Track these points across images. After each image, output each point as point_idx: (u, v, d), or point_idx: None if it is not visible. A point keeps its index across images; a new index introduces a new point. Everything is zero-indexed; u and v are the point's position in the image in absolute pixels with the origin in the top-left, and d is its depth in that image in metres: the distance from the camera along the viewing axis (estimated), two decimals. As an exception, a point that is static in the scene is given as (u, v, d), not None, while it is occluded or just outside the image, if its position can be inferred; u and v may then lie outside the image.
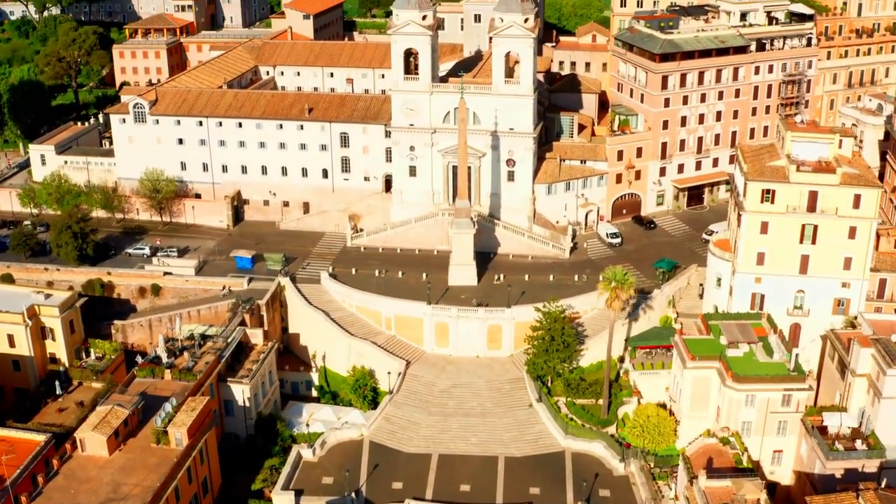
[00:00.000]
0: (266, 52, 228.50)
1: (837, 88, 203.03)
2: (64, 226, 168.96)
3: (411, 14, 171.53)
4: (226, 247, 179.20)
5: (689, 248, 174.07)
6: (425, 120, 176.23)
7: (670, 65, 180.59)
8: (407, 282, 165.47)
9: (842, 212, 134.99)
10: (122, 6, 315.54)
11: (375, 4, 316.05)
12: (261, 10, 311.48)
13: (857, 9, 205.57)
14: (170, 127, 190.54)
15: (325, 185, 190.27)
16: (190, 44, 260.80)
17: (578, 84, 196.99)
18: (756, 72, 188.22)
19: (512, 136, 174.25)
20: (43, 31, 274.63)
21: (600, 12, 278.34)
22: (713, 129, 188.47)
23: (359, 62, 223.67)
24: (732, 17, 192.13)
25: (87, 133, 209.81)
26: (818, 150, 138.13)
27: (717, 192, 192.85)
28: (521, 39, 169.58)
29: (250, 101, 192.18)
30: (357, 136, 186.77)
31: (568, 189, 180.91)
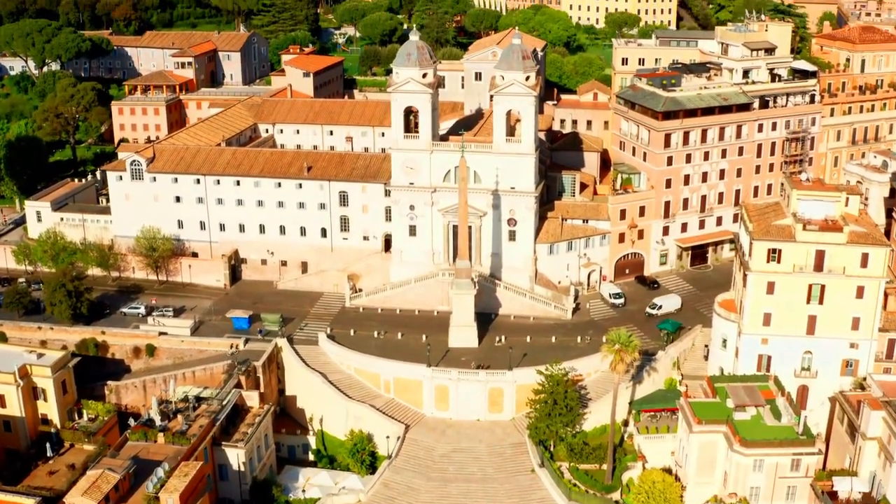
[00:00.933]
0: (265, 109, 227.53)
1: (841, 145, 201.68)
2: (58, 284, 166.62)
3: (411, 72, 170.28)
4: (222, 306, 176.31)
5: (693, 308, 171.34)
6: (425, 179, 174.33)
7: (673, 122, 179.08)
8: (406, 343, 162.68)
9: (849, 271, 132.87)
10: (122, 63, 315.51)
11: (376, 62, 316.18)
12: (261, 68, 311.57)
13: (860, 65, 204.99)
14: (167, 184, 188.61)
15: (323, 245, 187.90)
16: (189, 101, 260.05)
17: (580, 142, 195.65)
18: (759, 129, 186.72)
19: (513, 195, 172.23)
20: (42, 87, 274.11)
21: (601, 70, 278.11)
22: (716, 188, 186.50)
23: (359, 120, 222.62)
24: (735, 75, 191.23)
25: (84, 190, 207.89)
26: (824, 209, 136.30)
27: (720, 251, 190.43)
28: (522, 97, 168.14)
29: (249, 159, 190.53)
30: (356, 195, 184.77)
31: (570, 249, 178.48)
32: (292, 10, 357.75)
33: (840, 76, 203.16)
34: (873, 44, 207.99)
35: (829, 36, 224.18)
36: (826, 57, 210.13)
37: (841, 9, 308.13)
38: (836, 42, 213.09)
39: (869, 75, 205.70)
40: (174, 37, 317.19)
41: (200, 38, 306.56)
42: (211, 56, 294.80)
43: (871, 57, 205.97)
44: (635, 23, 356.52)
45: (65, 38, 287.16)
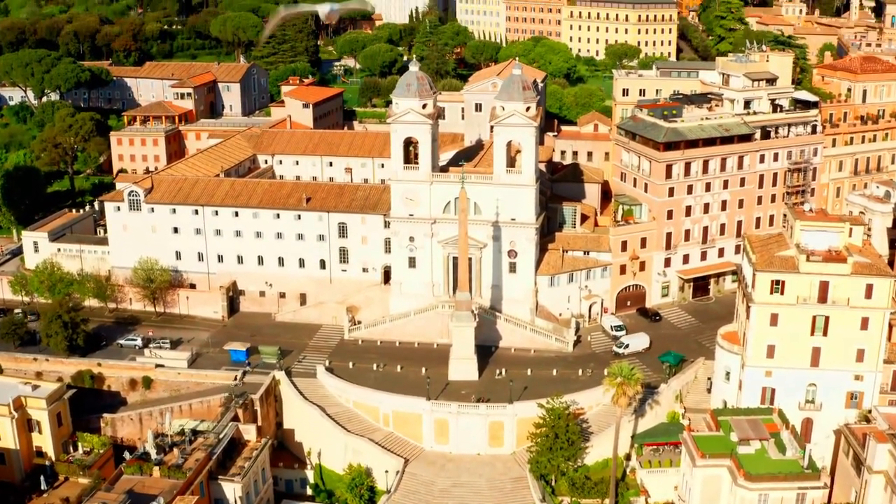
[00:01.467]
0: (265, 140, 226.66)
1: (843, 176, 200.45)
2: (54, 315, 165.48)
3: (411, 102, 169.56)
4: (220, 338, 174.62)
5: (695, 340, 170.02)
6: (425, 210, 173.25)
7: (674, 153, 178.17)
8: (406, 376, 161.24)
9: (854, 302, 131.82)
10: (121, 93, 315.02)
11: (376, 94, 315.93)
12: (260, 100, 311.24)
13: (861, 95, 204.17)
14: (165, 215, 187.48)
15: (322, 276, 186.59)
16: (188, 131, 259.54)
17: (580, 173, 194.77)
18: (761, 160, 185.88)
19: (514, 227, 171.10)
20: (41, 117, 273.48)
21: (602, 102, 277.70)
22: (718, 219, 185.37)
23: (358, 151, 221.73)
24: (736, 105, 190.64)
25: (82, 221, 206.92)
26: (828, 239, 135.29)
27: (723, 282, 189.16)
28: (522, 128, 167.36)
29: (247, 190, 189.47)
30: (356, 227, 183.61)
31: (571, 281, 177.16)
32: (292, 41, 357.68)
33: (841, 106, 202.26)
34: (874, 74, 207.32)
35: (830, 66, 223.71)
36: (827, 87, 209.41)
37: (841, 39, 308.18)
38: (837, 72, 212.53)
39: (870, 105, 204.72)
40: (174, 67, 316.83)
41: (200, 69, 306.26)
42: (210, 87, 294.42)
43: (873, 87, 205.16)
44: (635, 54, 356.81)
45: (64, 68, 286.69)
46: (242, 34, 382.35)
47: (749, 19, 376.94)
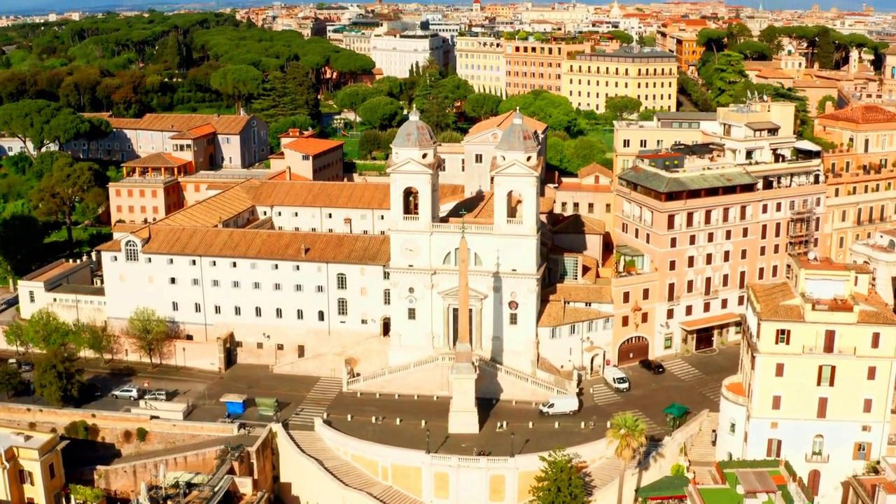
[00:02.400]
0: (264, 191, 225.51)
1: (847, 226, 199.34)
2: (48, 365, 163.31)
3: (411, 152, 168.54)
4: (217, 390, 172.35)
5: (699, 392, 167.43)
6: (425, 261, 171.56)
7: (676, 203, 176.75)
8: (405, 429, 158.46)
9: (860, 351, 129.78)
10: (121, 145, 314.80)
11: (376, 146, 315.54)
12: (260, 152, 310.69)
13: (863, 145, 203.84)
14: (162, 265, 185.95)
15: (321, 328, 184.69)
16: (187, 183, 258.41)
17: (582, 225, 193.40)
18: (764, 210, 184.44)
19: (514, 278, 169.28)
20: (39, 167, 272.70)
21: (602, 154, 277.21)
22: (721, 270, 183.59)
23: (358, 203, 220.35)
24: (738, 155, 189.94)
25: (79, 271, 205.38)
26: (833, 288, 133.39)
27: (726, 334, 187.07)
28: (523, 178, 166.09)
29: (245, 241, 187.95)
30: (355, 278, 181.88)
31: (573, 332, 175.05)
32: (292, 94, 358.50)
33: (844, 156, 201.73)
34: (876, 123, 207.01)
35: (831, 116, 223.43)
36: (829, 137, 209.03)
37: (841, 91, 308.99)
38: (838, 122, 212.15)
39: (873, 155, 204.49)
40: (173, 119, 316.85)
41: (200, 121, 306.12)
42: (210, 139, 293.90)
43: (875, 136, 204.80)
44: (636, 107, 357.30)
45: (64, 118, 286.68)
46: (243, 87, 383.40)
47: (749, 72, 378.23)
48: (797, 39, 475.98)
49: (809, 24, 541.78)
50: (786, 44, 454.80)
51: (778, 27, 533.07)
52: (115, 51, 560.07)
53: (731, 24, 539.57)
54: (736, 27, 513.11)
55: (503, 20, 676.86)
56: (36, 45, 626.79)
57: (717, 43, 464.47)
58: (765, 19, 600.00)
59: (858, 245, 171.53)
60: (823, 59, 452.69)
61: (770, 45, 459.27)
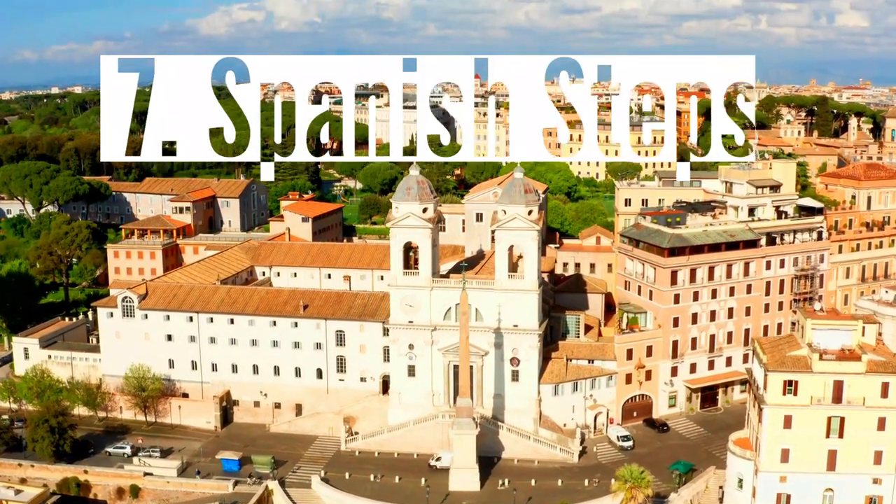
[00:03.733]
0: (263, 252, 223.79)
1: (851, 283, 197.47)
2: (41, 419, 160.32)
3: (411, 206, 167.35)
4: (212, 449, 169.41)
5: (705, 450, 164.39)
6: (425, 317, 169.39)
7: (679, 259, 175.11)
8: (404, 487, 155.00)
9: (869, 402, 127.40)
10: (120, 208, 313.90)
11: (376, 211, 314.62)
12: (260, 216, 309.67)
13: (865, 202, 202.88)
14: (159, 322, 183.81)
15: (319, 386, 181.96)
16: (186, 245, 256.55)
17: (584, 284, 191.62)
18: (767, 266, 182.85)
19: (516, 334, 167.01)
20: (37, 228, 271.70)
21: (603, 216, 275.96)
22: (725, 327, 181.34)
23: (357, 263, 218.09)
24: (740, 213, 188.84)
25: (75, 329, 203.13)
26: (840, 338, 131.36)
27: (731, 392, 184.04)
28: (524, 232, 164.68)
29: (243, 297, 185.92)
30: (354, 334, 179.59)
31: (575, 390, 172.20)
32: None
33: (846, 213, 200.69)
34: (878, 180, 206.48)
35: (833, 174, 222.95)
36: (831, 195, 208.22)
37: (841, 156, 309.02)
38: (840, 180, 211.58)
39: (875, 212, 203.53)
40: (173, 183, 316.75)
41: (200, 185, 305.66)
42: (210, 202, 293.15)
43: (877, 193, 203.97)
44: (637, 171, 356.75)
45: (63, 180, 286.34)
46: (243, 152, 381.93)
47: (748, 140, 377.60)
48: (796, 109, 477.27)
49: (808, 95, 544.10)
50: (784, 113, 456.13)
51: (776, 97, 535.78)
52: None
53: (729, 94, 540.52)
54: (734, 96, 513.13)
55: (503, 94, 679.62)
56: (38, 116, 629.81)
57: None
58: (763, 90, 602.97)
59: (864, 301, 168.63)
60: (822, 128, 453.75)
61: (769, 115, 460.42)
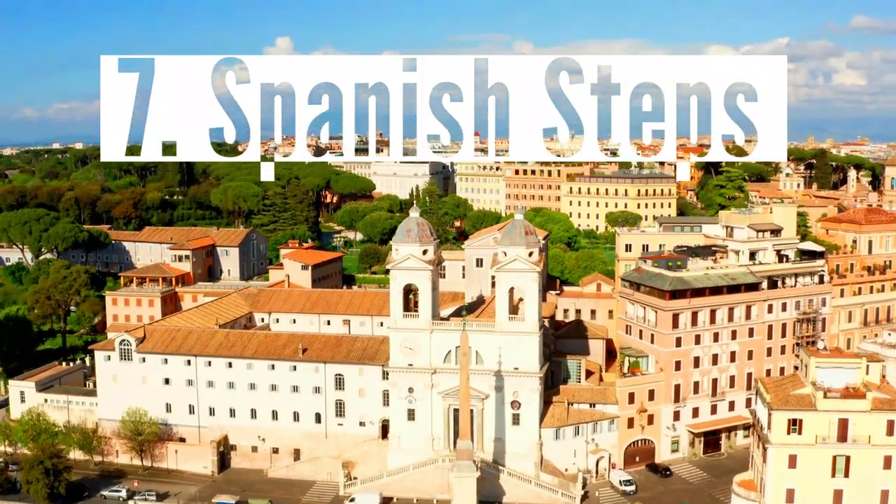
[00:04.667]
0: (262, 298, 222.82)
1: (853, 327, 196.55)
2: (36, 461, 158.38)
3: (411, 248, 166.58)
4: (209, 493, 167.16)
5: (709, 494, 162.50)
6: (425, 359, 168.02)
7: (681, 302, 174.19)
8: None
9: (875, 440, 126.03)
10: (119, 257, 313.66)
11: (375, 261, 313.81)
12: (259, 265, 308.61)
13: (866, 246, 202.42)
14: (156, 365, 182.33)
15: (317, 431, 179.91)
16: (185, 293, 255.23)
17: (584, 330, 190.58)
18: (769, 310, 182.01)
19: (517, 377, 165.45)
20: (36, 275, 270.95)
21: (603, 265, 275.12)
22: (728, 371, 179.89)
23: (357, 310, 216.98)
24: (741, 257, 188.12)
25: (72, 373, 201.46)
26: (845, 377, 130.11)
27: (734, 437, 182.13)
28: (525, 274, 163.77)
29: (242, 341, 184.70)
30: (353, 378, 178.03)
31: (577, 434, 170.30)
32: (293, 210, 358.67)
33: (848, 257, 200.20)
34: (879, 224, 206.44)
35: (834, 219, 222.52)
36: (832, 239, 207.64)
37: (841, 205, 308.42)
38: (841, 224, 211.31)
39: (877, 256, 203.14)
40: (173, 232, 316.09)
41: (199, 234, 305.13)
42: (209, 251, 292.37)
43: (878, 238, 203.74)
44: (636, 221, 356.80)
45: (62, 227, 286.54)
46: (243, 203, 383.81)
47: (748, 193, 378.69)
48: (795, 162, 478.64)
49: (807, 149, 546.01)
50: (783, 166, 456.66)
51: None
52: (116, 175, 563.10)
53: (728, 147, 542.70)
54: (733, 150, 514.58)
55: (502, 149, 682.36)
56: (39, 170, 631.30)
57: (716, 167, 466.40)
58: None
59: (866, 343, 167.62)
60: (822, 181, 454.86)
61: (768, 168, 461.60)
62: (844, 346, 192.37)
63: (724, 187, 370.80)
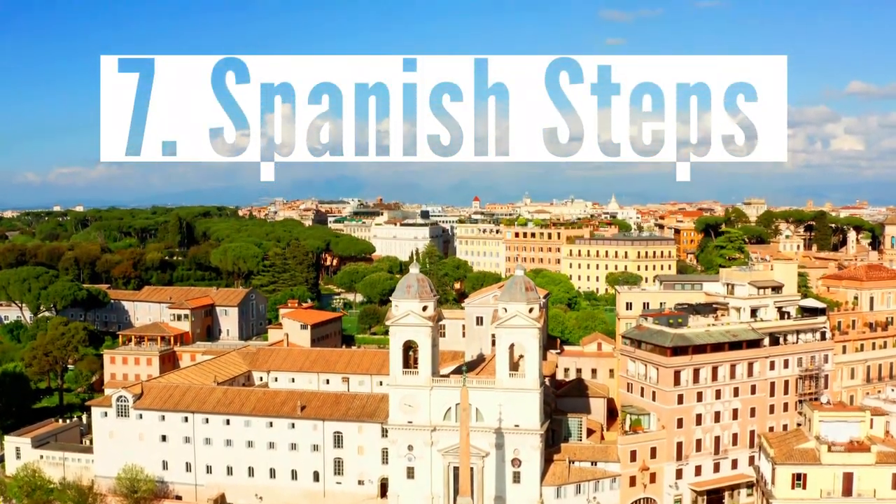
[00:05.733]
0: (260, 357, 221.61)
1: (856, 383, 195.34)
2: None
3: (411, 304, 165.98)
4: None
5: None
6: (424, 417, 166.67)
7: (682, 358, 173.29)
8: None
9: (880, 494, 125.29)
10: (118, 316, 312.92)
11: (375, 321, 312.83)
12: (258, 325, 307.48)
13: (868, 303, 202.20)
14: (153, 422, 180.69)
15: (315, 489, 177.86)
16: (183, 353, 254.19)
17: (585, 388, 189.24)
18: (772, 367, 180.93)
19: (517, 434, 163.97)
20: (34, 332, 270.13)
21: (604, 325, 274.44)
22: (730, 428, 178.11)
23: (356, 368, 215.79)
24: (743, 314, 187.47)
25: (68, 430, 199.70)
26: (849, 430, 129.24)
27: (738, 495, 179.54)
28: (525, 330, 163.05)
29: (240, 398, 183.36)
30: (352, 436, 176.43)
31: (578, 492, 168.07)
32: (292, 271, 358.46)
33: (849, 314, 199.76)
34: (880, 281, 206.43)
35: (835, 276, 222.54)
36: (833, 296, 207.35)
37: (841, 264, 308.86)
38: (842, 281, 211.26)
39: (878, 313, 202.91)
40: (172, 291, 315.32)
41: (198, 293, 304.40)
42: (208, 310, 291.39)
43: (880, 294, 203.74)
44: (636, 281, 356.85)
45: (61, 285, 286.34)
46: (243, 264, 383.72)
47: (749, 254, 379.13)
48: (795, 224, 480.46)
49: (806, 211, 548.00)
50: (783, 228, 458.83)
51: (775, 212, 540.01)
52: (116, 237, 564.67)
53: (728, 210, 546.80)
54: (733, 212, 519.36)
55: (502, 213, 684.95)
56: (39, 232, 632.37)
57: (715, 229, 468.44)
58: (762, 205, 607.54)
59: (870, 399, 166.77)
60: (821, 242, 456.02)
61: (768, 230, 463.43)
62: (847, 403, 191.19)
63: (724, 248, 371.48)
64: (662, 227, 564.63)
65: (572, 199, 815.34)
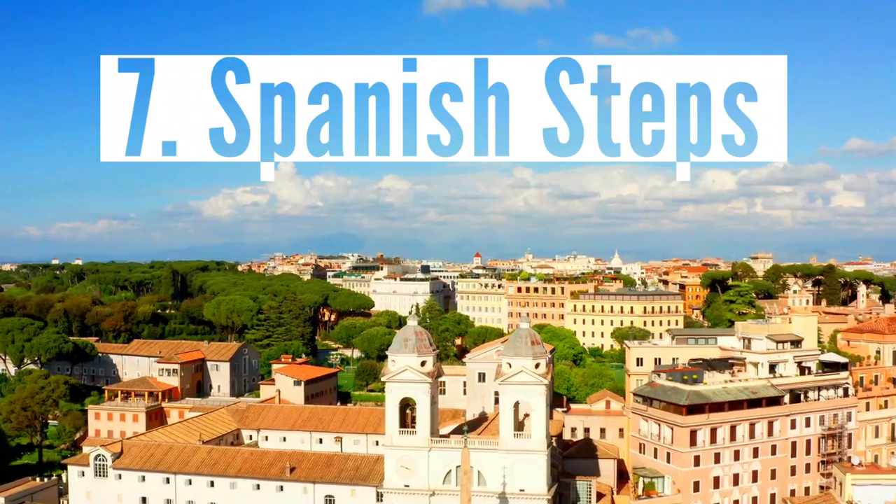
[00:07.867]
0: (250, 414, 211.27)
1: (881, 442, 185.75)
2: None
3: (408, 359, 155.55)
4: None
5: None
6: (423, 480, 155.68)
7: (698, 417, 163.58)
8: None
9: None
10: (106, 370, 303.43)
11: (372, 378, 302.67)
12: (251, 381, 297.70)
13: (891, 357, 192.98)
14: (133, 483, 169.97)
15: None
16: (171, 409, 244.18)
17: (594, 449, 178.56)
18: (792, 426, 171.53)
19: (523, 499, 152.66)
20: (14, 385, 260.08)
21: (612, 382, 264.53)
22: (749, 491, 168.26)
23: (351, 427, 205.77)
24: (761, 369, 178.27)
25: (45, 489, 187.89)
26: (884, 494, 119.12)
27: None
28: (531, 387, 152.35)
29: (226, 458, 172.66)
30: (344, 500, 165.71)
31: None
32: (288, 325, 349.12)
33: (872, 369, 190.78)
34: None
35: (855, 329, 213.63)
36: (854, 351, 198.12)
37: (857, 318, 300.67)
38: (863, 335, 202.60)
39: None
40: (161, 345, 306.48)
41: (189, 347, 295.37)
42: (199, 365, 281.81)
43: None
44: (644, 336, 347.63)
45: (47, 337, 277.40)
46: (237, 318, 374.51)
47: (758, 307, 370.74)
48: (802, 278, 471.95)
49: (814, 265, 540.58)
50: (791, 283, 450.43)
51: (783, 266, 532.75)
52: (111, 290, 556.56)
53: (734, 265, 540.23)
54: (740, 266, 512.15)
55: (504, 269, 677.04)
56: (35, 285, 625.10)
57: (722, 284, 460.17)
58: (768, 260, 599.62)
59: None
60: (830, 296, 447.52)
61: (775, 285, 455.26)
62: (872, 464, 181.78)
63: (734, 302, 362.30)
64: (667, 282, 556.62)
65: (575, 255, 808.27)
